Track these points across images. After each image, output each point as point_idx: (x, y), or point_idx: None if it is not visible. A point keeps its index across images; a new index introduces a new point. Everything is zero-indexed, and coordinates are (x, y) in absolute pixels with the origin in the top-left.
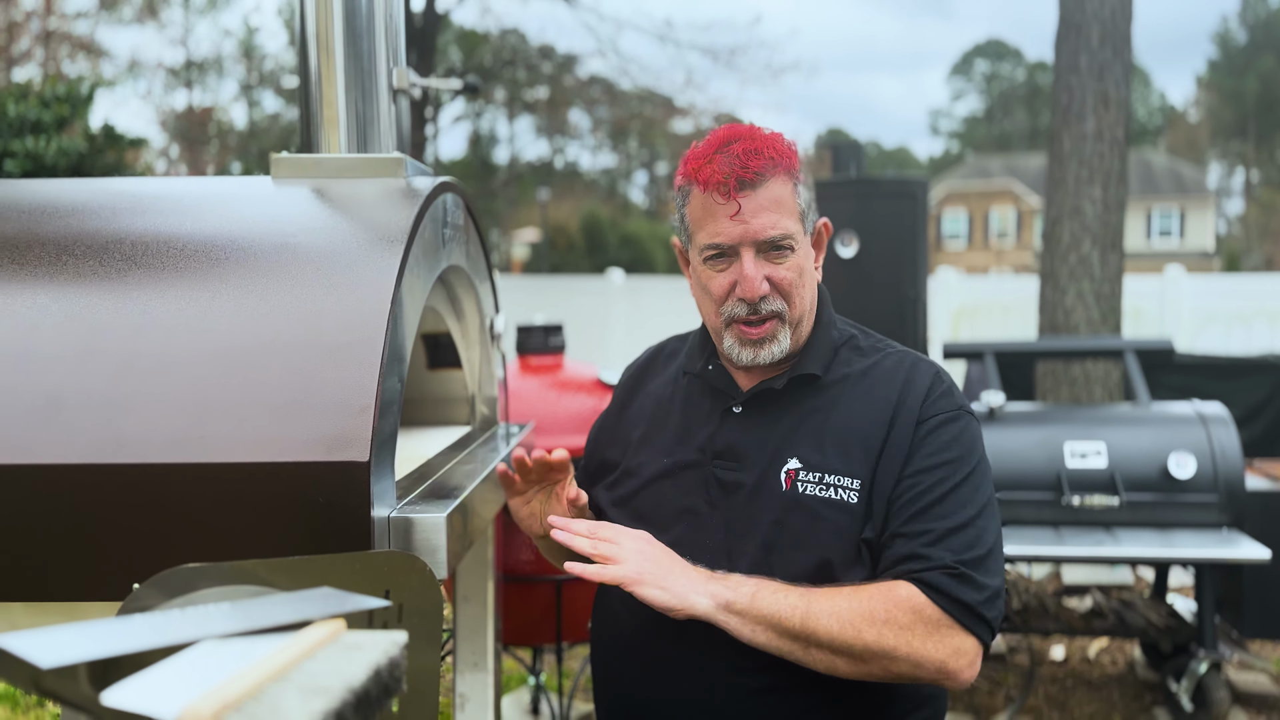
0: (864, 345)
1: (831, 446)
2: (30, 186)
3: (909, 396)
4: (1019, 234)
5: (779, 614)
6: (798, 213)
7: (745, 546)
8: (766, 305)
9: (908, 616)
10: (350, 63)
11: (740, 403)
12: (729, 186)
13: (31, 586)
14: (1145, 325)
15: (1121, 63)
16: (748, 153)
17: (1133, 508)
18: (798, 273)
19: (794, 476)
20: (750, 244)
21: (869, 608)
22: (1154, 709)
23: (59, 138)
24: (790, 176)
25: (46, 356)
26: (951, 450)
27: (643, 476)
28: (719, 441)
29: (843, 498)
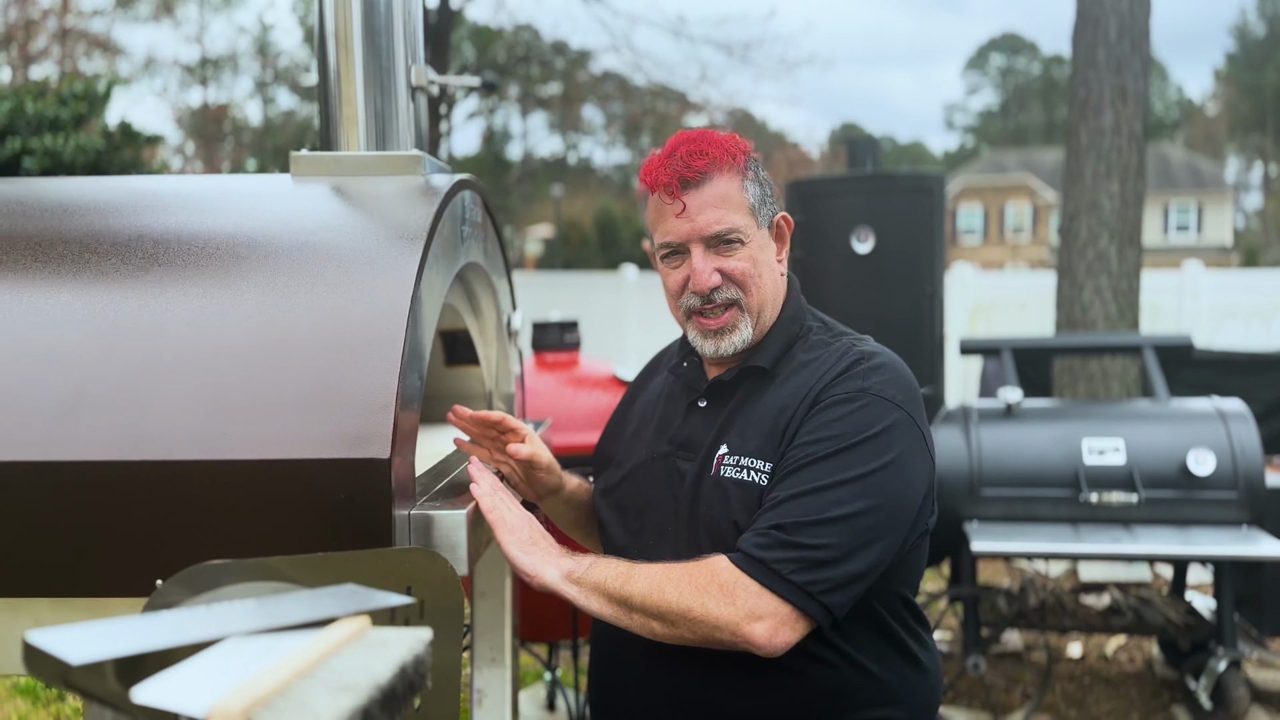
0: (817, 339)
1: (753, 431)
2: (52, 185)
3: (821, 380)
4: (1035, 229)
5: (605, 580)
6: (746, 207)
7: (688, 531)
8: (721, 294)
9: (706, 578)
10: (369, 60)
11: (703, 396)
12: (674, 187)
13: (56, 582)
14: (1163, 321)
15: (1140, 56)
16: (690, 154)
17: (1151, 505)
18: (751, 263)
19: (720, 462)
20: (698, 240)
21: (678, 573)
22: (1172, 707)
23: (77, 135)
24: (736, 173)
25: (70, 354)
26: (833, 428)
27: (624, 469)
28: (682, 434)
29: (753, 479)
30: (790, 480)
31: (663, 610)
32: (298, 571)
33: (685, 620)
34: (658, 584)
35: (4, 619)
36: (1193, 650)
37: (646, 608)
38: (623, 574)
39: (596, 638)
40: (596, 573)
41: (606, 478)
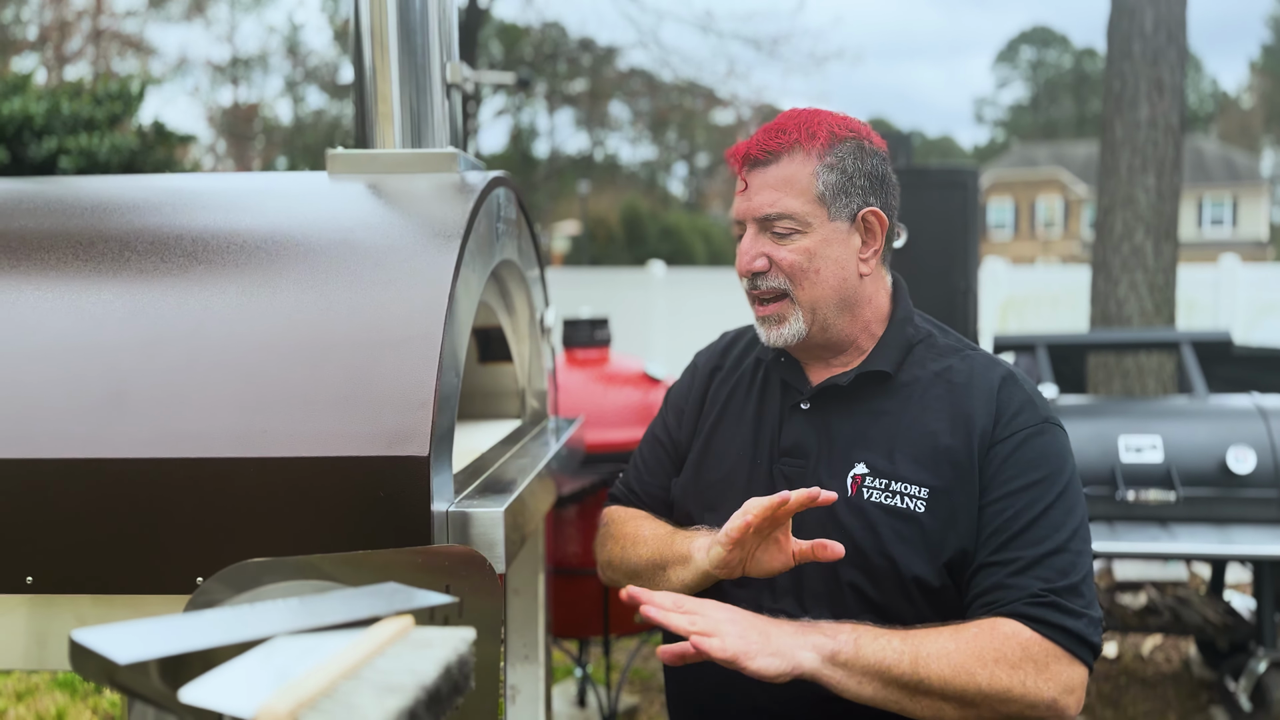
0: (941, 344)
1: (900, 453)
2: (91, 184)
3: (986, 409)
4: (1066, 223)
5: (885, 661)
6: (813, 194)
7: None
8: (764, 281)
9: (1017, 654)
10: (404, 58)
11: (807, 399)
12: (742, 162)
13: (98, 579)
14: (1199, 317)
15: (1176, 48)
16: (770, 131)
17: (1189, 503)
18: (806, 256)
19: (859, 482)
20: (753, 220)
21: (977, 648)
22: (1210, 708)
23: (111, 135)
24: (811, 157)
25: (111, 352)
26: (1039, 469)
27: (715, 469)
28: (785, 438)
29: (909, 506)
30: (1026, 536)
31: (970, 694)
32: (338, 569)
33: (996, 701)
34: (961, 664)
35: (47, 616)
36: (1231, 651)
37: (946, 691)
38: (905, 653)
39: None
40: (870, 652)
41: (694, 476)
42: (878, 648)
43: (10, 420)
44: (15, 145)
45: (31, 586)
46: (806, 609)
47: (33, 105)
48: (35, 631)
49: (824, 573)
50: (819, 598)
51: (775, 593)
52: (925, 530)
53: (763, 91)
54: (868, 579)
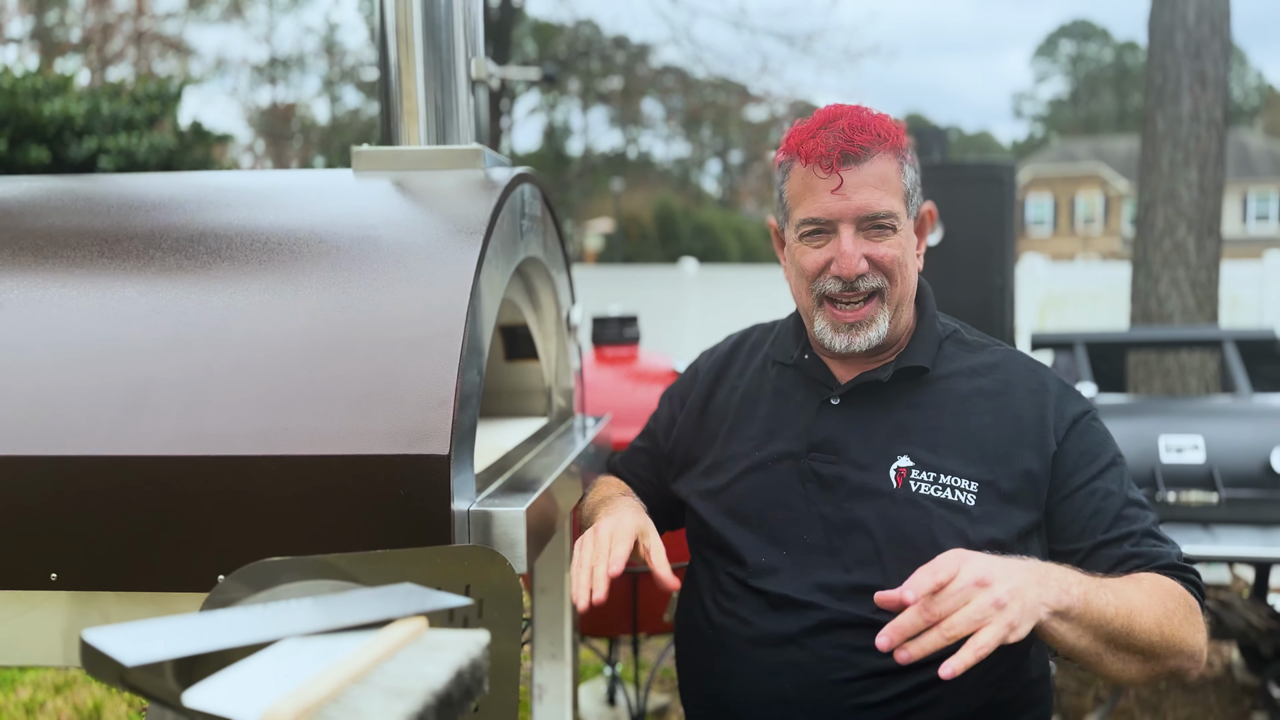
0: (969, 340)
1: (946, 447)
2: (117, 181)
3: (1037, 405)
4: (1106, 220)
5: (1105, 615)
6: (902, 193)
7: (851, 545)
8: (865, 283)
9: (1185, 607)
10: (429, 54)
11: (839, 394)
12: (832, 160)
13: (121, 577)
14: (1242, 314)
15: (1220, 40)
16: (853, 128)
17: (1232, 505)
18: (901, 251)
19: (905, 475)
20: (850, 220)
21: (1162, 602)
22: (1253, 714)
23: (150, 134)
24: (896, 155)
25: (135, 349)
26: (1108, 451)
27: (733, 470)
28: (816, 433)
29: (959, 499)
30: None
31: (1158, 647)
32: (356, 569)
33: (1173, 653)
34: (1158, 619)
35: (73, 612)
36: (1275, 656)
37: (1145, 646)
38: (1124, 610)
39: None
40: (1096, 608)
41: (708, 479)
42: (1101, 603)
43: (33, 418)
44: (56, 145)
45: (57, 583)
46: (840, 601)
47: (73, 106)
48: (63, 628)
49: (869, 569)
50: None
51: (808, 585)
52: (976, 521)
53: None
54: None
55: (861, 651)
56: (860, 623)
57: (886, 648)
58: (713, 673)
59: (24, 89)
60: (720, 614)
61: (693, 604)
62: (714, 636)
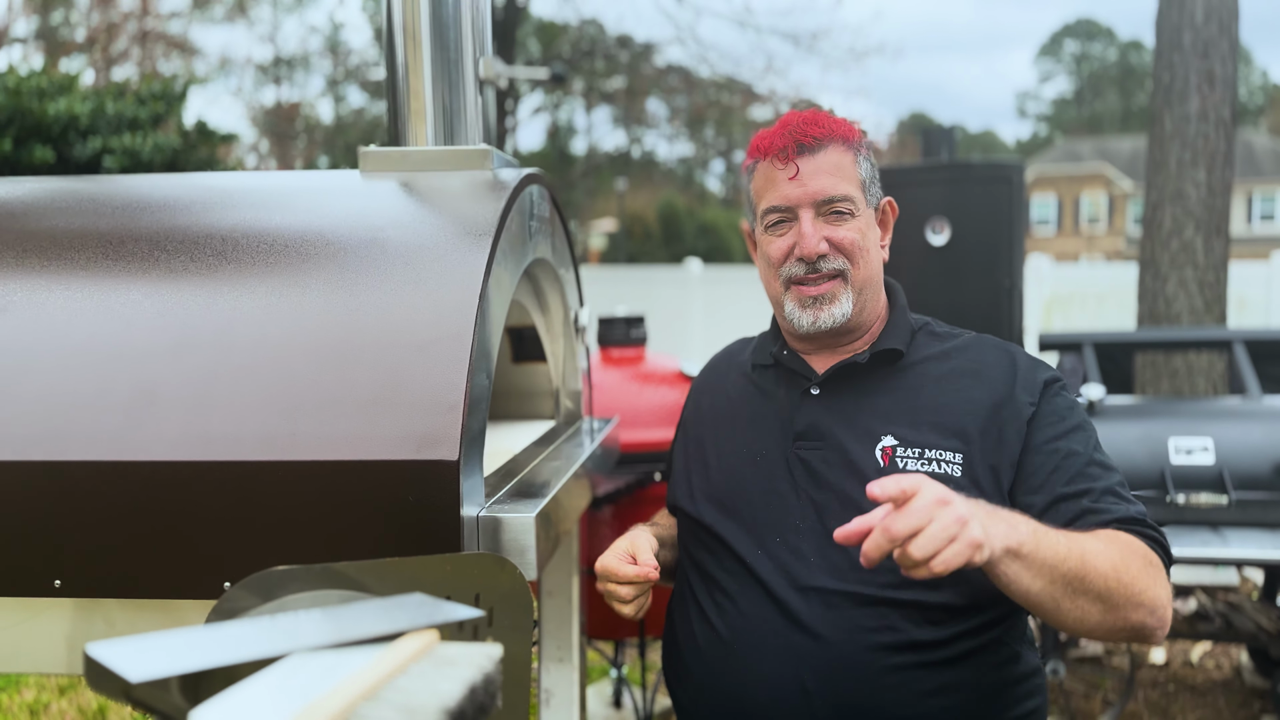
0: (940, 331)
1: (927, 424)
2: (123, 182)
3: (1006, 375)
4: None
5: (1058, 556)
6: (858, 181)
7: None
8: (826, 264)
9: (1143, 558)
10: (437, 54)
11: (818, 384)
12: (789, 151)
13: (126, 584)
14: (1250, 314)
15: (1228, 39)
16: (806, 123)
17: (1242, 507)
18: (860, 235)
19: (891, 453)
20: (809, 205)
21: (1120, 549)
22: (1262, 717)
23: (155, 134)
24: (849, 147)
25: (140, 353)
26: (1074, 415)
27: (722, 466)
28: (799, 423)
29: (947, 471)
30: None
31: (1116, 594)
32: (365, 577)
33: (1133, 604)
34: (1115, 563)
35: (77, 619)
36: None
37: (1102, 591)
38: (1074, 551)
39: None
40: (1048, 548)
41: (697, 479)
42: (1051, 543)
43: (37, 422)
44: (61, 145)
45: (60, 590)
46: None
47: (78, 105)
48: (66, 635)
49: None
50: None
51: (809, 569)
52: (965, 491)
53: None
54: None
55: (874, 630)
56: (868, 600)
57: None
58: (725, 678)
59: (29, 89)
60: (721, 615)
61: (690, 615)
62: (721, 640)
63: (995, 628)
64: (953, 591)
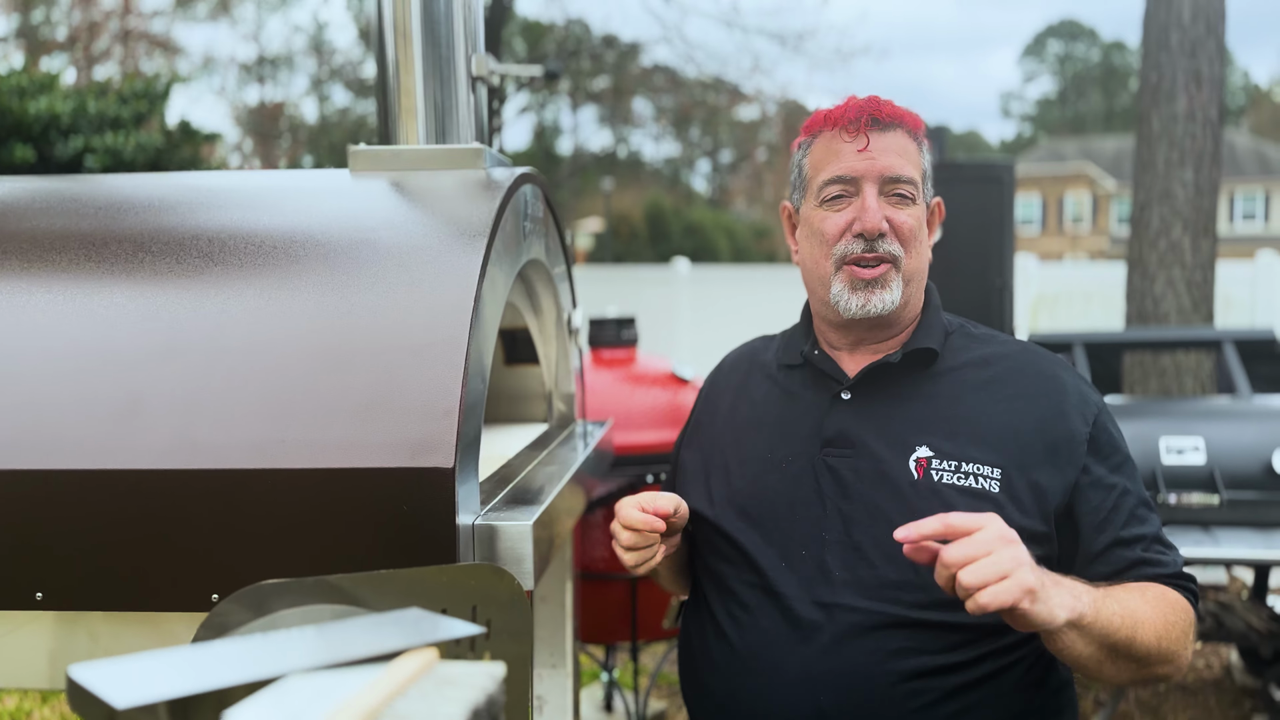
0: (975, 333)
1: (964, 435)
2: (105, 181)
3: (1055, 393)
4: (1094, 219)
5: (1112, 627)
6: (921, 170)
7: (874, 538)
8: (884, 245)
9: (1184, 621)
10: (428, 50)
11: (849, 387)
12: (860, 124)
13: (110, 595)
14: (1236, 314)
15: (1215, 39)
16: (879, 102)
17: (1233, 506)
18: (918, 223)
19: (925, 465)
20: (875, 179)
21: (1164, 614)
22: (1253, 716)
23: (137, 133)
24: (915, 136)
25: (124, 358)
26: (1120, 447)
27: (745, 473)
28: (829, 428)
29: (984, 486)
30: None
31: (1154, 656)
32: (359, 590)
33: (1163, 662)
34: (1160, 632)
35: (60, 633)
36: (1275, 658)
37: (1144, 656)
38: (1129, 621)
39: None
40: (1105, 619)
41: (719, 485)
42: (1109, 614)
43: (18, 429)
44: (42, 144)
45: (42, 603)
46: (870, 598)
47: (59, 104)
48: (49, 649)
49: (898, 563)
50: (889, 588)
51: (834, 586)
52: (1003, 509)
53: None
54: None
55: (898, 655)
56: (894, 622)
57: (902, 539)
58: (741, 696)
59: (9, 87)
60: (738, 630)
61: (705, 628)
62: (736, 656)
63: (1023, 647)
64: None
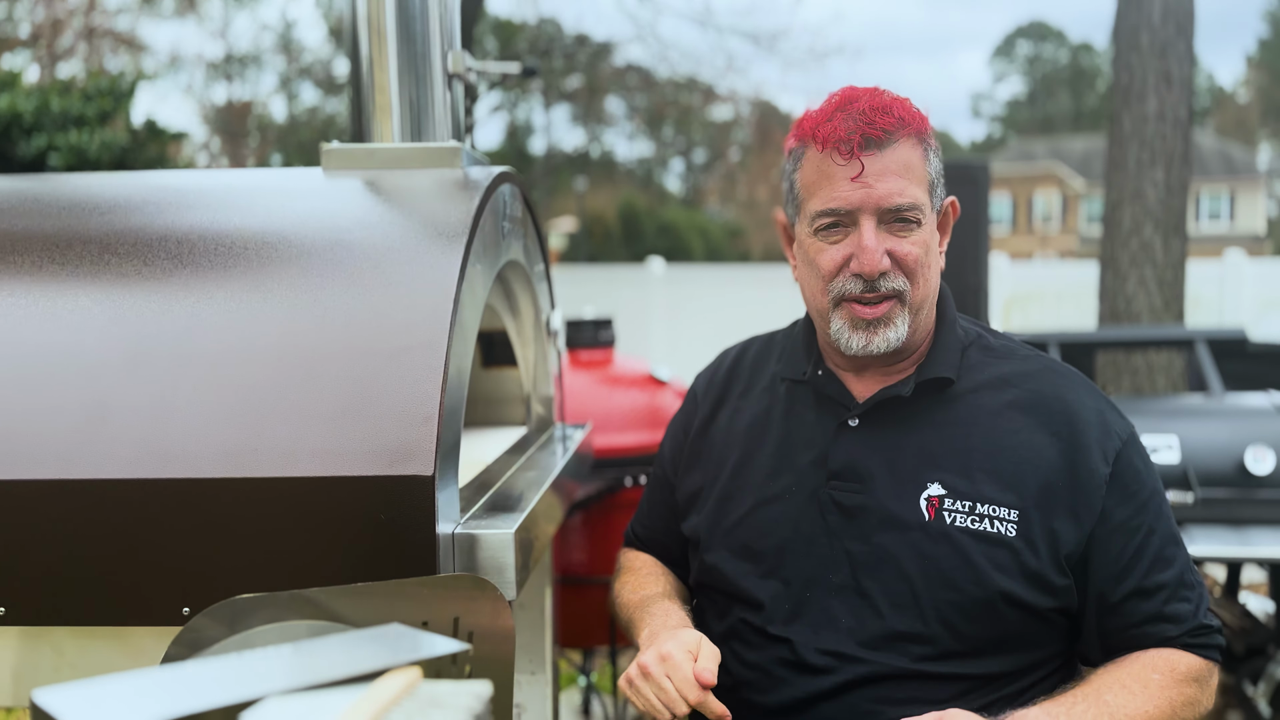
0: (995, 346)
1: (980, 471)
2: (70, 181)
3: (1078, 424)
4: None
5: None
6: (927, 183)
7: (884, 585)
8: (886, 283)
9: (1195, 688)
10: (403, 46)
11: (857, 414)
12: (852, 144)
13: (76, 610)
14: (1204, 312)
15: (1184, 40)
16: (874, 109)
17: (1207, 504)
18: (924, 249)
19: (937, 505)
20: (872, 211)
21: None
22: (1227, 712)
23: (102, 131)
24: (920, 141)
25: (90, 364)
26: (1148, 480)
27: (743, 503)
28: (836, 459)
29: (999, 530)
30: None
31: None
32: (337, 603)
33: None
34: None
35: (24, 649)
36: (1248, 654)
37: None
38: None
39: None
40: None
41: (717, 515)
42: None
43: None
44: (4, 143)
45: (5, 618)
46: (877, 650)
47: (21, 102)
48: (12, 666)
49: (906, 614)
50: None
51: (840, 634)
52: (1019, 555)
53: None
54: (961, 614)
55: (901, 704)
56: (899, 674)
57: None
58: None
59: None
60: (740, 667)
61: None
62: (737, 696)
63: (1033, 689)
64: (995, 661)
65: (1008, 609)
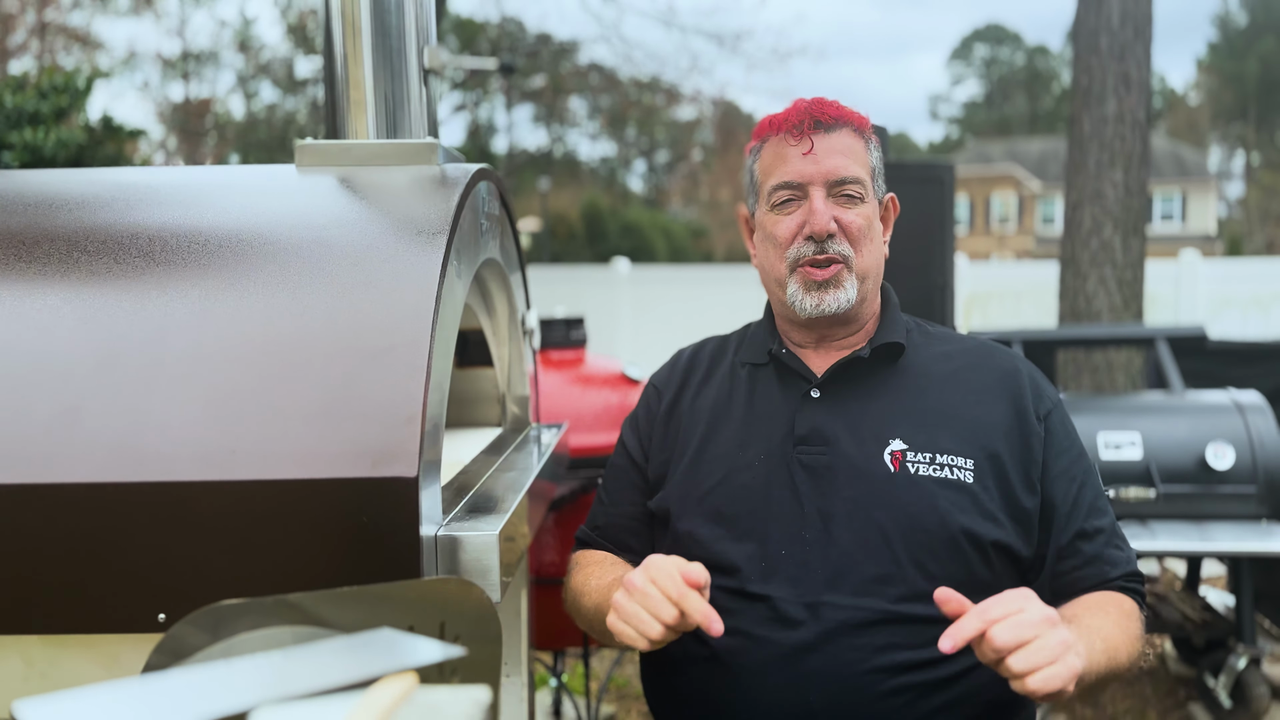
0: (932, 332)
1: (936, 428)
2: (36, 177)
3: (1016, 385)
4: (1021, 219)
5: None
6: (869, 168)
7: (857, 534)
8: (834, 245)
9: (1139, 628)
10: (378, 41)
11: (818, 385)
12: (804, 127)
13: (47, 618)
14: (1160, 311)
15: (1143, 43)
16: (822, 103)
17: (1169, 500)
18: (867, 222)
19: (900, 458)
20: (821, 183)
21: (1127, 629)
22: (1189, 705)
23: (57, 129)
24: (861, 135)
25: (60, 364)
26: (1076, 441)
27: (714, 473)
28: (800, 426)
29: (958, 477)
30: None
31: (1125, 671)
32: (322, 608)
33: (1131, 670)
34: (1126, 650)
35: None
36: (1208, 647)
37: (1118, 676)
38: (1108, 654)
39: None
40: (1093, 665)
41: (688, 487)
42: (1094, 655)
43: None
44: None
45: None
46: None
47: None
48: None
49: (880, 557)
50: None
51: (817, 583)
52: (977, 499)
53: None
54: (929, 553)
55: (884, 650)
56: (880, 618)
57: (950, 650)
58: (723, 702)
59: None
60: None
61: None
62: (717, 662)
63: None
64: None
65: (970, 547)
